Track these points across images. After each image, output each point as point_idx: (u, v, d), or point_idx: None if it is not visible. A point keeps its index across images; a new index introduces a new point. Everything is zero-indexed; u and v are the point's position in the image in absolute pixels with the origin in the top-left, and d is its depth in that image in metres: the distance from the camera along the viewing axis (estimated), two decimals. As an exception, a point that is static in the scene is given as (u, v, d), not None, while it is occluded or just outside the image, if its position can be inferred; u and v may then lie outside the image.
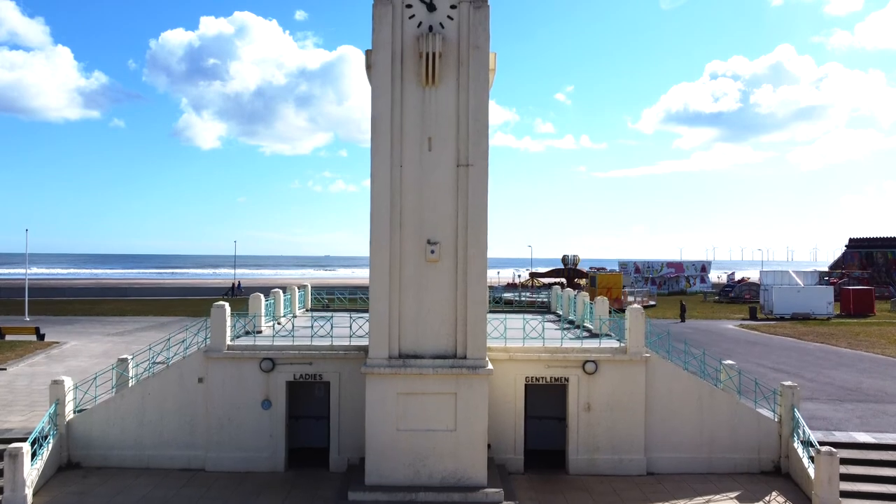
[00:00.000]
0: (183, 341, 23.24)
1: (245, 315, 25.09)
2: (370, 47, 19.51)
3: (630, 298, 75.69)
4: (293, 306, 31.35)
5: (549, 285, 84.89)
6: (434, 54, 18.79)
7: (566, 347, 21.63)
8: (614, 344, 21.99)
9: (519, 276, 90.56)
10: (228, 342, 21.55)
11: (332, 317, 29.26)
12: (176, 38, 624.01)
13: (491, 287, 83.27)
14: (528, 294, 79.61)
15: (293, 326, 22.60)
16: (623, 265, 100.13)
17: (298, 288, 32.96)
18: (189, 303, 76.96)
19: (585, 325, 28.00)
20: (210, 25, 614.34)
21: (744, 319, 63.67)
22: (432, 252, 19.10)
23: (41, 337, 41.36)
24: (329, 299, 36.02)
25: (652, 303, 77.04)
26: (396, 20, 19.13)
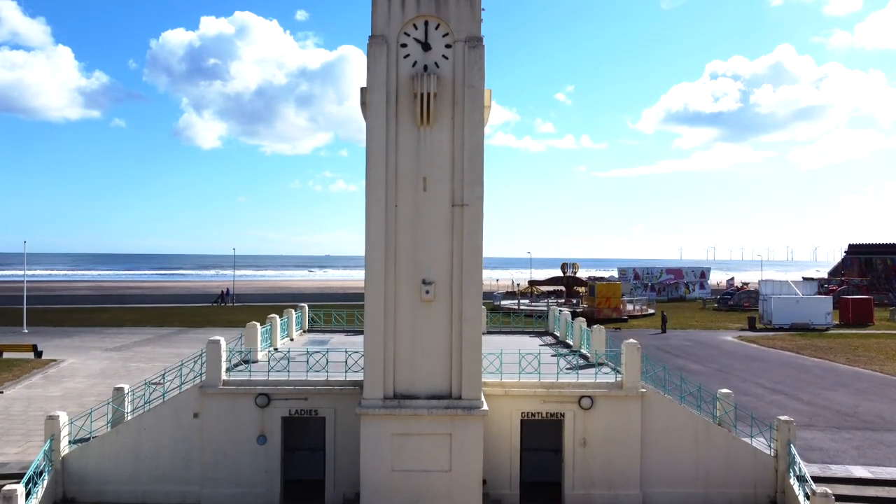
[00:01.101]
0: (179, 375, 23.16)
1: (240, 325, 25.06)
2: (364, 85, 19.47)
3: (630, 307, 75.70)
4: (290, 330, 31.40)
5: (549, 293, 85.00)
6: (429, 95, 18.75)
7: (562, 382, 21.59)
8: (610, 378, 21.94)
9: (518, 284, 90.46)
10: (224, 377, 21.51)
11: (328, 346, 29.27)
12: (176, 38, 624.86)
13: (489, 294, 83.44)
14: (526, 302, 79.67)
15: (288, 361, 22.44)
16: (622, 272, 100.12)
17: (295, 310, 33.03)
18: (186, 311, 76.95)
19: (582, 351, 28.03)
20: (210, 25, 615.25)
21: (742, 330, 63.64)
22: (427, 292, 19.07)
23: (38, 354, 41.33)
24: (326, 319, 36.03)
25: (651, 311, 76.93)
26: (391, 60, 19.08)
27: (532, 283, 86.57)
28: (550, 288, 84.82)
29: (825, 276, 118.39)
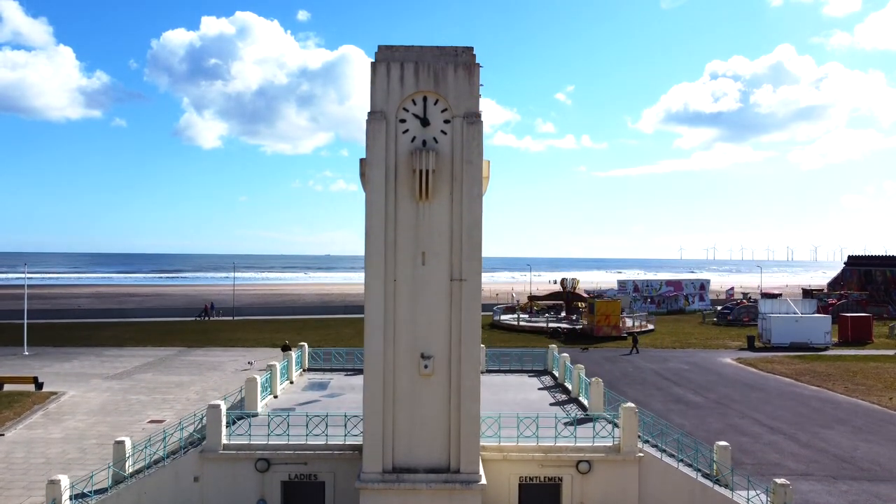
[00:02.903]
0: (180, 435, 23.30)
1: (239, 344, 25.16)
2: (364, 156, 19.57)
3: (629, 323, 75.72)
4: (290, 372, 31.54)
5: (549, 308, 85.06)
6: (427, 171, 18.85)
7: (560, 446, 21.73)
8: (608, 442, 22.06)
9: (517, 301, 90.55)
10: (224, 440, 21.67)
11: (328, 391, 29.42)
12: (177, 38, 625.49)
13: (489, 307, 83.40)
14: (526, 317, 79.73)
15: (288, 426, 22.39)
16: (622, 284, 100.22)
17: (294, 351, 33.25)
18: (187, 327, 77.10)
19: (580, 399, 28.19)
20: (211, 25, 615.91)
21: (741, 349, 63.73)
22: (426, 367, 19.20)
23: (39, 386, 41.42)
24: (326, 356, 36.17)
25: (650, 327, 77.00)
26: (390, 135, 19.18)
27: (532, 298, 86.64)
28: (550, 303, 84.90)
29: (825, 285, 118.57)
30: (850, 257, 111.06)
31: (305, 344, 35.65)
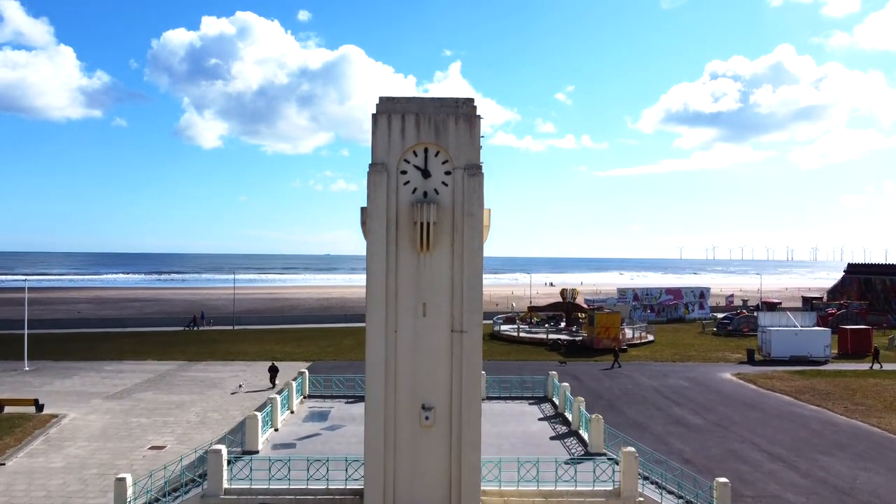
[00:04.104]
0: (180, 470, 23.33)
1: (239, 358, 25.20)
2: (365, 204, 19.61)
3: (629, 334, 75.79)
4: (290, 401, 31.60)
5: (550, 317, 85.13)
6: (428, 223, 18.88)
7: (560, 490, 21.76)
8: (608, 486, 22.08)
9: (518, 312, 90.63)
10: (225, 485, 21.69)
11: (328, 422, 29.45)
12: (178, 38, 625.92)
13: (488, 314, 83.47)
14: (526, 328, 79.79)
15: (289, 469, 22.35)
16: (622, 292, 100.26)
17: (294, 379, 33.29)
18: (187, 338, 77.13)
19: (580, 432, 28.25)
20: (212, 25, 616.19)
21: (741, 363, 63.81)
22: (427, 418, 19.25)
23: (40, 408, 41.45)
24: (326, 383, 36.20)
25: (650, 338, 77.07)
26: (391, 187, 19.21)
27: (532, 308, 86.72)
28: (550, 313, 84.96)
29: (824, 291, 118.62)
30: (849, 265, 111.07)
31: (306, 371, 35.70)
